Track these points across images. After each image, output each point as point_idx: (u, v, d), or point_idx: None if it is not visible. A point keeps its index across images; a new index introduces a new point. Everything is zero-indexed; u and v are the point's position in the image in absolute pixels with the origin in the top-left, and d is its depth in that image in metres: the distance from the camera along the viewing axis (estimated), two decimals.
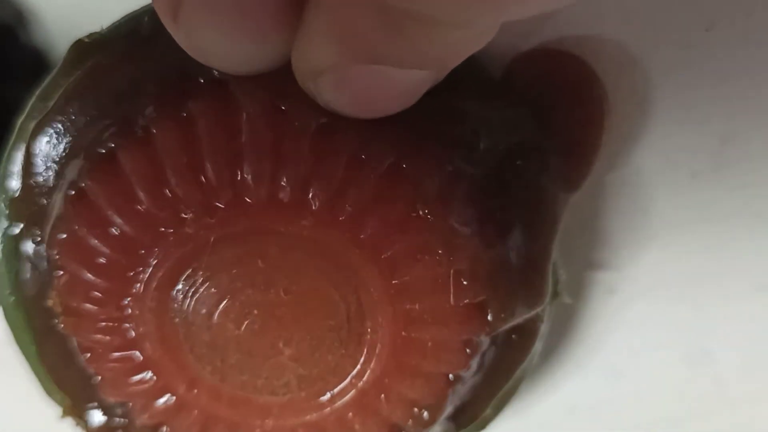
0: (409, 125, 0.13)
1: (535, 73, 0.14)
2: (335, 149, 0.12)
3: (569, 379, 0.17)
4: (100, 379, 0.14)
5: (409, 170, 0.13)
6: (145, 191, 0.13)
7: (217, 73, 0.13)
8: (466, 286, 0.13)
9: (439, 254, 0.13)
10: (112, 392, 0.14)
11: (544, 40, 0.14)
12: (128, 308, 0.14)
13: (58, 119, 0.13)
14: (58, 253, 0.13)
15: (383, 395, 0.14)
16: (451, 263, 0.13)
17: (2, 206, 0.14)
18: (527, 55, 0.14)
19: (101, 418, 0.15)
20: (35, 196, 0.13)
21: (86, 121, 0.13)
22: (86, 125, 0.13)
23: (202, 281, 0.14)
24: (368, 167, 0.13)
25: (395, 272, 0.13)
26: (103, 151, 0.13)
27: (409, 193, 0.13)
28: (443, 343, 0.14)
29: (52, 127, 0.13)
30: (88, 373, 0.14)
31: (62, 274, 0.13)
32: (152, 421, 0.15)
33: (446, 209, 0.13)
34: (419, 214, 0.13)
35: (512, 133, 0.13)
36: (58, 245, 0.13)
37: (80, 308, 0.14)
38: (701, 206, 0.15)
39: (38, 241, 0.14)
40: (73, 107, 0.13)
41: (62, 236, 0.13)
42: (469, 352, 0.14)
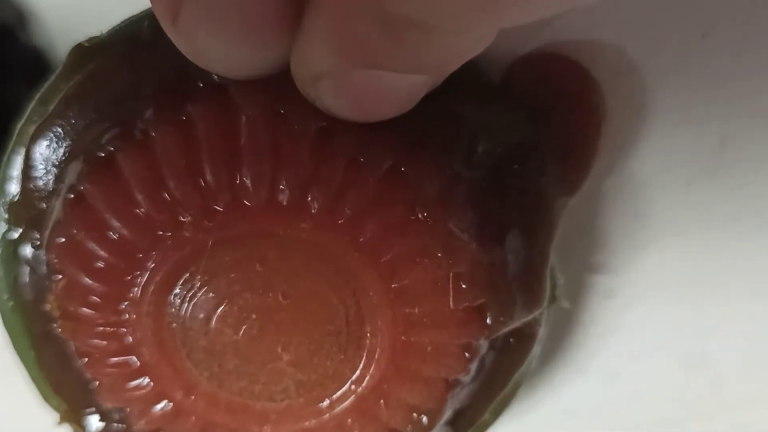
0: (407, 129, 0.13)
1: (533, 77, 0.14)
2: (334, 153, 0.13)
3: (568, 382, 0.17)
4: (97, 384, 0.14)
5: (407, 173, 0.13)
6: (143, 194, 0.13)
7: (216, 77, 0.13)
8: (465, 289, 0.13)
9: (438, 257, 0.13)
10: (109, 397, 0.14)
11: (542, 44, 0.14)
12: (126, 313, 0.14)
13: (57, 123, 0.13)
14: (56, 257, 0.13)
15: (382, 400, 0.14)
16: (450, 266, 0.13)
17: (1, 210, 0.14)
18: (525, 59, 0.14)
19: (99, 423, 0.15)
20: (34, 200, 0.13)
21: (86, 124, 0.13)
22: (86, 129, 0.13)
23: (199, 285, 0.14)
24: (367, 170, 0.13)
25: (394, 275, 0.13)
26: (102, 154, 0.13)
27: (408, 196, 0.13)
28: (442, 347, 0.14)
29: (51, 131, 0.13)
30: (85, 378, 0.14)
31: (61, 278, 0.13)
32: (150, 426, 0.15)
33: (445, 212, 0.13)
34: (418, 217, 0.13)
35: (510, 137, 0.13)
36: (56, 249, 0.13)
37: (78, 312, 0.14)
38: (698, 210, 0.15)
39: (37, 245, 0.14)
40: (72, 111, 0.13)
41: (61, 240, 0.13)
42: (468, 356, 0.14)
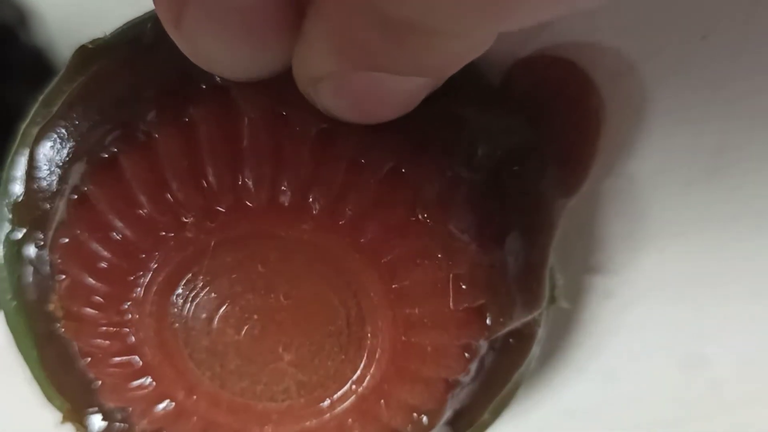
0: (408, 131, 0.13)
1: (533, 80, 0.14)
2: (335, 154, 0.13)
3: (567, 382, 0.17)
4: (100, 383, 0.14)
5: (408, 175, 0.13)
6: (146, 195, 0.13)
7: (219, 79, 0.13)
8: (465, 290, 0.13)
9: (438, 258, 0.13)
10: (112, 397, 0.14)
11: (542, 47, 0.14)
12: (128, 313, 0.14)
13: (61, 125, 0.13)
14: (60, 257, 0.13)
15: (383, 401, 0.14)
16: (450, 267, 0.13)
17: (5, 211, 0.14)
18: (525, 62, 0.14)
19: (101, 423, 0.15)
20: (38, 200, 0.13)
21: (89, 126, 0.13)
22: (89, 130, 0.13)
23: (202, 286, 0.14)
24: (368, 172, 0.13)
25: (395, 276, 0.13)
26: (105, 155, 0.13)
27: (408, 197, 0.13)
28: (442, 347, 0.14)
29: (55, 132, 0.13)
30: (88, 377, 0.14)
31: (64, 278, 0.13)
32: (152, 426, 0.15)
33: (445, 214, 0.13)
34: (418, 218, 0.13)
35: (510, 139, 0.13)
36: (60, 249, 0.13)
37: (81, 312, 0.14)
38: (698, 211, 0.15)
39: (41, 245, 0.14)
40: (76, 113, 0.13)
41: (64, 240, 0.13)
42: (468, 356, 0.14)
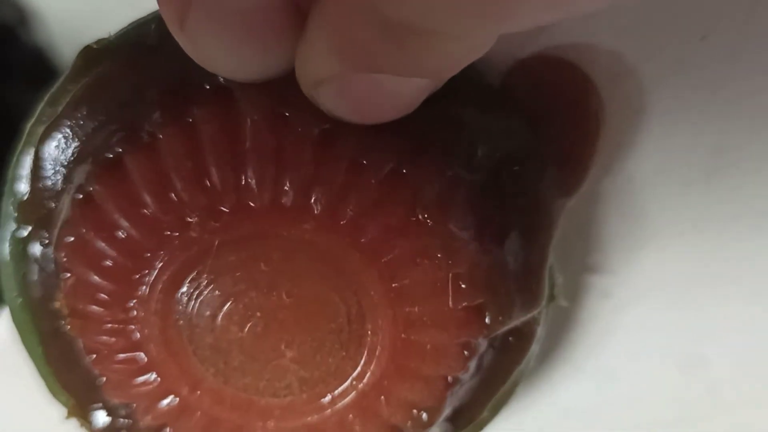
0: (409, 132, 0.13)
1: (532, 81, 0.14)
2: (336, 155, 0.13)
3: (566, 382, 0.17)
4: (104, 380, 0.15)
5: (408, 176, 0.13)
6: (151, 195, 0.13)
7: (222, 79, 0.13)
8: (464, 289, 0.13)
9: (438, 258, 0.13)
10: (116, 393, 0.15)
11: (541, 48, 0.14)
12: (134, 310, 0.14)
13: (66, 124, 0.13)
14: (65, 255, 0.13)
15: (383, 397, 0.14)
16: (449, 267, 0.13)
17: (11, 209, 0.14)
18: (525, 63, 0.14)
19: (105, 418, 0.15)
20: (43, 199, 0.14)
21: (94, 126, 0.13)
22: (94, 130, 0.13)
23: (206, 284, 0.14)
24: (369, 172, 0.13)
25: (395, 276, 0.13)
26: (110, 156, 0.13)
27: (408, 198, 0.13)
28: (442, 345, 0.14)
29: (60, 132, 0.13)
30: (93, 374, 0.14)
31: (69, 276, 0.14)
32: (156, 422, 0.15)
33: (445, 214, 0.13)
34: (419, 218, 0.13)
35: (510, 140, 0.13)
36: (65, 248, 0.13)
37: (87, 310, 0.14)
38: (696, 211, 0.15)
39: (46, 243, 0.14)
40: (80, 113, 0.13)
41: (70, 239, 0.13)
42: (467, 354, 0.14)
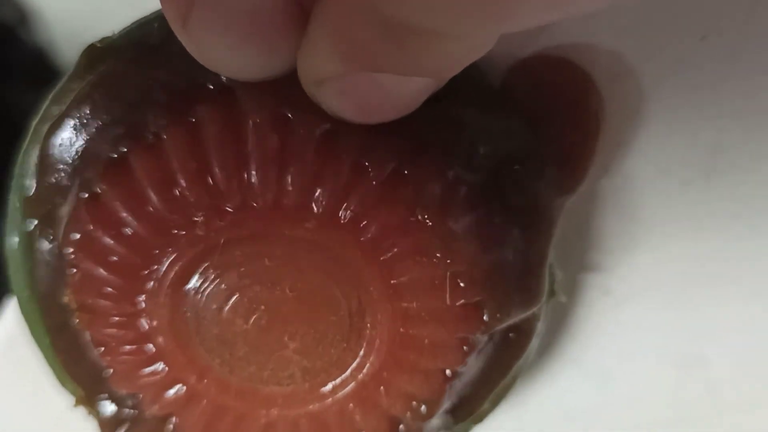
0: (410, 132, 0.13)
1: (533, 80, 0.14)
2: (338, 156, 0.13)
3: (564, 382, 0.17)
4: (111, 372, 0.15)
5: (409, 176, 0.13)
6: (157, 195, 0.13)
7: (225, 79, 0.13)
8: (463, 288, 0.13)
9: (437, 257, 0.13)
10: (123, 384, 0.15)
11: (541, 48, 0.14)
12: (142, 303, 0.14)
13: (70, 123, 0.13)
14: (72, 251, 0.14)
15: (382, 387, 0.15)
16: (448, 266, 0.13)
17: (17, 204, 0.14)
18: (525, 63, 0.14)
19: (112, 408, 0.15)
20: (49, 196, 0.14)
21: (98, 125, 0.13)
22: (98, 129, 0.13)
23: (212, 278, 0.14)
24: (370, 173, 0.13)
25: (393, 273, 0.14)
26: (115, 155, 0.13)
27: (409, 198, 0.13)
28: (440, 340, 0.14)
29: (65, 130, 0.13)
30: (100, 366, 0.15)
31: (76, 271, 0.14)
32: (162, 411, 0.15)
33: (445, 214, 0.13)
34: (418, 218, 0.13)
35: (510, 139, 0.14)
36: (71, 244, 0.14)
37: (94, 304, 0.14)
38: (694, 211, 0.15)
39: (51, 239, 0.14)
40: (85, 111, 0.13)
41: (76, 236, 0.14)
42: (466, 349, 0.14)
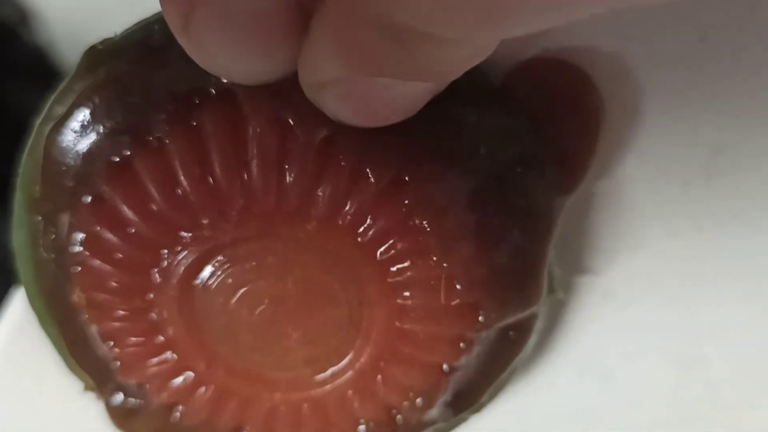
0: (410, 136, 0.13)
1: (533, 81, 0.14)
2: (339, 161, 0.13)
3: (564, 382, 0.17)
4: (119, 364, 0.15)
5: (409, 182, 0.13)
6: (163, 198, 0.13)
7: (226, 82, 0.13)
8: (459, 289, 0.14)
9: (433, 260, 0.14)
10: (131, 375, 0.15)
11: (542, 49, 0.14)
12: (151, 297, 0.14)
13: (73, 124, 0.13)
14: (77, 250, 0.14)
15: (380, 376, 0.15)
16: (444, 268, 0.14)
17: (22, 202, 0.14)
18: (526, 64, 0.14)
19: (120, 397, 0.16)
20: (52, 195, 0.14)
21: (101, 126, 0.13)
22: (101, 131, 0.13)
23: (220, 274, 0.15)
24: (370, 179, 0.13)
25: (390, 272, 0.14)
26: (119, 158, 0.13)
27: (408, 204, 0.13)
28: (435, 336, 0.15)
29: (68, 130, 0.13)
30: (107, 358, 0.15)
31: (81, 269, 0.14)
32: (170, 399, 0.16)
33: (444, 218, 0.13)
34: (415, 222, 0.13)
35: (511, 140, 0.14)
36: (77, 243, 0.14)
37: (103, 300, 0.14)
38: (694, 212, 0.15)
39: (55, 237, 0.14)
40: (87, 113, 0.13)
41: (81, 235, 0.14)
42: (463, 346, 0.14)
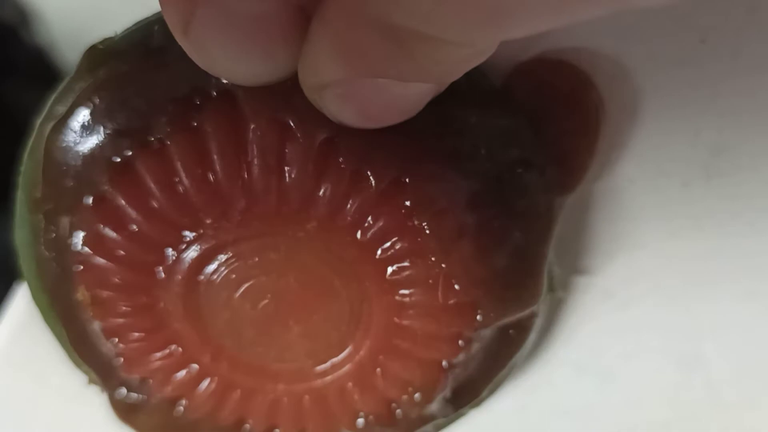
0: (411, 136, 0.13)
1: (534, 82, 0.14)
2: (339, 163, 0.13)
3: (564, 382, 0.17)
4: (122, 360, 0.15)
5: (410, 184, 0.13)
6: (165, 198, 0.13)
7: (226, 83, 0.13)
8: (457, 289, 0.14)
9: (431, 260, 0.14)
10: (134, 370, 0.16)
11: (542, 50, 0.14)
12: (156, 293, 0.15)
13: (73, 124, 0.13)
14: (80, 248, 0.14)
15: (379, 369, 0.15)
16: (443, 268, 0.14)
17: (24, 200, 0.14)
18: (526, 65, 0.14)
19: (123, 392, 0.16)
20: (54, 194, 0.14)
21: (101, 128, 0.13)
22: (101, 132, 0.13)
23: (223, 270, 0.15)
24: (371, 182, 0.13)
25: (389, 271, 0.14)
26: (120, 159, 0.13)
27: (408, 205, 0.13)
28: (433, 333, 0.15)
29: (68, 130, 0.13)
30: (110, 355, 0.15)
31: (85, 267, 0.14)
32: (173, 393, 0.16)
33: (444, 218, 0.13)
34: (415, 223, 0.13)
35: (511, 141, 0.14)
36: (79, 241, 0.14)
37: (107, 297, 0.15)
38: (694, 212, 0.15)
39: (55, 237, 0.14)
40: (87, 113, 0.13)
41: (82, 233, 0.14)
42: (461, 343, 0.15)
